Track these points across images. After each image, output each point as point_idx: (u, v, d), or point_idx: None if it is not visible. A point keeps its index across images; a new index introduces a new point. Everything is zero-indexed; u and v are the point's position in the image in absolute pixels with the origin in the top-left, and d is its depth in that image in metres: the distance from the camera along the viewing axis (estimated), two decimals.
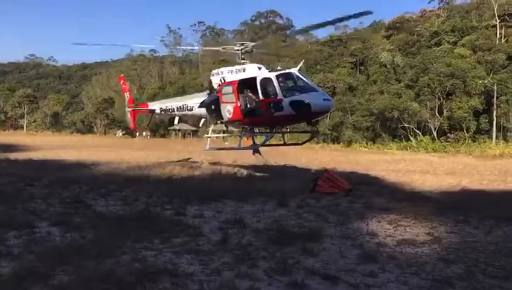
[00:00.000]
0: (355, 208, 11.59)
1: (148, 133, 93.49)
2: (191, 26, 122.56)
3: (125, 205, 11.17)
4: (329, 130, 69.91)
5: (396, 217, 10.19)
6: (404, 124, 61.52)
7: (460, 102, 58.38)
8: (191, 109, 20.77)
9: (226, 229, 8.70)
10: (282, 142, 21.07)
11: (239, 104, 17.43)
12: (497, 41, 65.29)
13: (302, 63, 17.64)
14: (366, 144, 62.18)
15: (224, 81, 18.08)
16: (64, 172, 17.15)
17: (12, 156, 24.69)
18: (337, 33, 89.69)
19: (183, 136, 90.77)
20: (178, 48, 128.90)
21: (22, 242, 7.38)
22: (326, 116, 71.80)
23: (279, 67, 17.99)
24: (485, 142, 54.51)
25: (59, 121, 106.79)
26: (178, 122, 25.40)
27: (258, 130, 19.92)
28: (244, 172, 19.95)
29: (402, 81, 67.78)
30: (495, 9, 66.67)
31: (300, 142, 19.93)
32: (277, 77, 16.34)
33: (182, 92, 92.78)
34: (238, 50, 18.26)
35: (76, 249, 6.97)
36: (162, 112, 22.77)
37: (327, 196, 13.32)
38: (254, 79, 16.78)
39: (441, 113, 60.11)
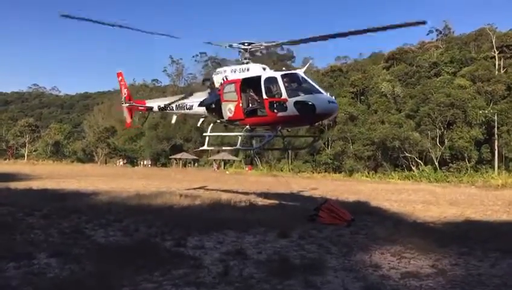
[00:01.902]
0: (358, 239, 11.45)
1: (149, 162, 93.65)
2: (193, 56, 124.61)
3: (125, 235, 11.04)
4: (330, 159, 69.92)
5: (400, 249, 10.05)
6: (406, 154, 61.53)
7: (461, 132, 58.59)
8: (190, 108, 20.30)
9: (227, 260, 8.58)
10: (282, 147, 20.60)
11: (241, 103, 17.05)
12: (496, 72, 66.05)
13: (309, 64, 17.28)
14: (368, 173, 62.00)
15: (227, 79, 17.72)
16: (64, 202, 17.02)
17: (13, 185, 24.61)
18: (337, 64, 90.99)
19: (184, 165, 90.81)
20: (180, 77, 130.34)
21: (21, 273, 7.27)
22: (328, 145, 72.39)
23: (284, 68, 17.56)
24: (487, 172, 54.32)
25: (60, 150, 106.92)
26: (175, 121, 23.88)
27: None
28: (246, 201, 19.82)
29: (402, 111, 68.22)
30: (493, 40, 67.77)
31: (302, 146, 19.43)
32: (282, 76, 16.04)
33: (184, 121, 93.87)
34: (245, 48, 17.69)
35: (75, 281, 6.85)
36: (160, 110, 22.24)
37: (329, 226, 13.20)
38: (258, 78, 16.47)
39: (442, 142, 60.21)
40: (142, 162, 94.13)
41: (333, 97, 16.35)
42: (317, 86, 16.21)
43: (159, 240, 10.37)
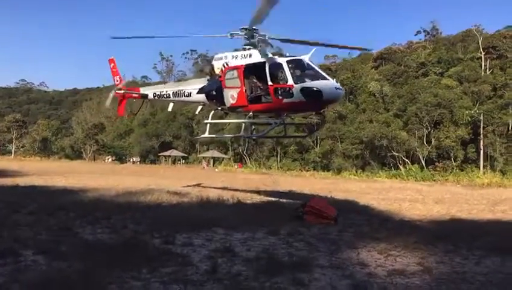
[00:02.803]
0: (346, 237, 11.55)
1: (138, 159, 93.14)
2: (183, 54, 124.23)
3: (113, 232, 10.99)
4: (319, 157, 70.28)
5: (387, 247, 10.16)
6: (393, 153, 62.12)
7: (447, 131, 59.35)
8: (189, 95, 19.69)
9: (216, 258, 8.59)
10: (283, 134, 20.23)
11: (244, 90, 16.70)
12: (483, 73, 66.88)
13: (313, 50, 16.55)
14: (356, 172, 62.40)
15: (227, 66, 17.31)
16: (51, 199, 16.90)
17: None
18: (326, 63, 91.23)
19: (173, 162, 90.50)
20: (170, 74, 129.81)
21: (7, 271, 7.21)
22: (316, 144, 72.68)
23: (287, 54, 16.90)
24: (472, 171, 55.03)
25: (48, 147, 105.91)
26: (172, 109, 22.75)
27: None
28: (235, 199, 19.83)
29: (390, 110, 68.80)
30: (480, 41, 68.58)
31: (303, 134, 19.00)
32: (288, 62, 15.78)
33: (173, 118, 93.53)
34: (247, 34, 17.13)
35: (62, 278, 6.82)
36: (156, 97, 21.53)
37: (317, 224, 13.27)
38: (263, 64, 16.16)
39: (429, 142, 60.89)
40: (131, 159, 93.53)
41: (339, 83, 16.19)
42: (323, 72, 15.98)
43: (147, 238, 10.34)
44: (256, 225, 12.49)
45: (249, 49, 17.10)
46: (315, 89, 15.21)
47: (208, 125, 19.57)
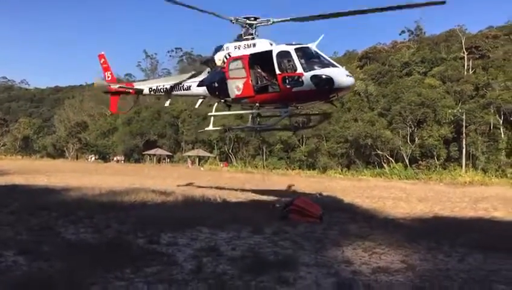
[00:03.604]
0: (331, 235, 11.58)
1: (122, 158, 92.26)
2: (168, 52, 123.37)
3: (96, 232, 10.82)
4: (304, 156, 70.59)
5: (371, 245, 10.22)
6: (378, 151, 62.74)
7: (431, 130, 60.16)
8: (188, 88, 19.17)
9: (201, 257, 8.53)
10: (289, 126, 19.83)
11: (250, 80, 16.23)
12: (465, 73, 67.94)
13: (321, 37, 16.05)
14: (341, 170, 62.89)
15: (230, 56, 16.88)
16: (33, 198, 16.59)
17: None
18: None
19: (158, 161, 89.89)
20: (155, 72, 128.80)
21: None
22: (302, 142, 72.95)
23: (293, 42, 16.27)
24: (455, 169, 55.92)
25: (29, 145, 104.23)
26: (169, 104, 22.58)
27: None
28: (220, 197, 19.76)
29: (375, 110, 69.46)
30: (463, 41, 69.61)
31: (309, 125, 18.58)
32: (296, 50, 15.39)
33: (158, 117, 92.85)
34: (250, 24, 16.82)
35: (44, 279, 6.69)
36: (152, 92, 20.93)
37: (303, 222, 13.29)
38: (269, 52, 15.79)
39: (412, 141, 61.66)
40: (114, 158, 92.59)
41: (348, 71, 15.89)
42: (331, 60, 15.65)
43: (131, 237, 10.21)
44: (241, 223, 12.44)
45: (252, 38, 16.73)
46: (326, 76, 14.90)
47: (212, 118, 19.13)
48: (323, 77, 14.92)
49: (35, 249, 8.55)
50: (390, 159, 62.64)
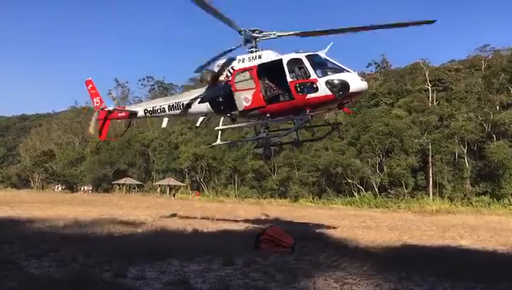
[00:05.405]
0: (302, 266, 11.53)
1: (90, 188, 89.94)
2: (139, 80, 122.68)
3: (61, 266, 10.41)
4: (276, 185, 70.69)
5: (343, 275, 10.22)
6: (348, 180, 63.51)
7: (398, 159, 61.52)
8: (189, 106, 18.74)
9: None
10: (294, 139, 19.60)
11: (260, 90, 16.04)
12: (430, 104, 70.40)
13: (330, 45, 15.89)
14: (313, 199, 63.22)
15: (234, 70, 16.71)
16: None
17: None
18: None
19: (128, 190, 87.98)
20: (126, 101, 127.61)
21: None
22: (274, 171, 73.16)
23: (300, 51, 16.06)
24: (422, 198, 57.19)
25: None
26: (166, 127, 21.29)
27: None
28: (191, 227, 19.46)
29: (345, 139, 70.67)
30: (426, 74, 72.46)
31: (317, 137, 18.27)
32: (307, 57, 15.32)
33: (128, 145, 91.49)
34: (255, 36, 16.68)
35: None
36: (148, 114, 20.36)
37: (273, 253, 13.20)
38: (280, 61, 15.68)
39: (381, 169, 62.83)
40: (82, 188, 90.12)
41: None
42: (342, 65, 15.56)
43: (98, 271, 9.87)
44: (212, 254, 12.26)
45: (256, 51, 16.69)
46: (341, 81, 14.85)
47: (220, 132, 18.72)
48: (339, 81, 14.92)
49: None
50: (360, 187, 63.49)
